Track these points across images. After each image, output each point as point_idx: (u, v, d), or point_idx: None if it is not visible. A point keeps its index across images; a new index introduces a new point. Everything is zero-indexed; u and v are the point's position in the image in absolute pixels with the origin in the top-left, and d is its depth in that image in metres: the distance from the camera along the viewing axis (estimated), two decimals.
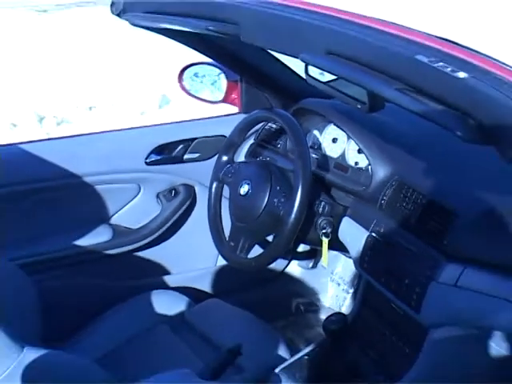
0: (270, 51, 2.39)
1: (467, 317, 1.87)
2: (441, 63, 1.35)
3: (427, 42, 1.44)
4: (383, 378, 2.12)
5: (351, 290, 2.86)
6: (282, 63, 2.57)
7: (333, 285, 2.97)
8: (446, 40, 1.47)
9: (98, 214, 2.63)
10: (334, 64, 1.55)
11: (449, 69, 1.33)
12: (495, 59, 1.40)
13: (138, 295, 2.48)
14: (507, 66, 1.38)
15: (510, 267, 1.78)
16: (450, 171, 2.07)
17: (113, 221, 2.66)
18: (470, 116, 1.30)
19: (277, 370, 2.15)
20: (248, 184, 2.28)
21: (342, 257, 2.83)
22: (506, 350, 1.87)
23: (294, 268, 2.98)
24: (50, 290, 2.39)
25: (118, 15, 2.22)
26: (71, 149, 2.58)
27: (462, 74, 1.31)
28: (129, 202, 2.67)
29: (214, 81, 2.78)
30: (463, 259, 1.87)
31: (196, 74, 2.77)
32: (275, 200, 2.22)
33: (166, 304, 2.45)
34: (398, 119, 2.24)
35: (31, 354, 1.62)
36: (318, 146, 2.44)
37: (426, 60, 1.37)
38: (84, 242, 2.57)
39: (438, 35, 1.50)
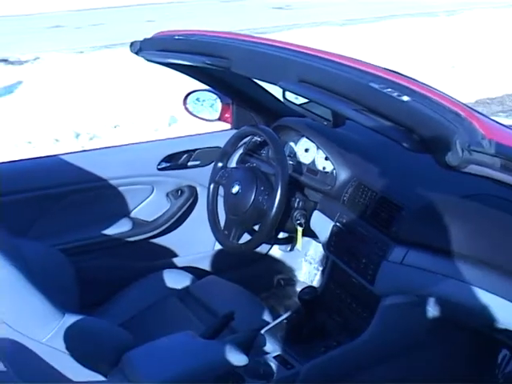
0: (255, 80, 2.38)
1: (410, 287, 1.89)
2: (389, 89, 1.35)
3: (378, 73, 1.44)
4: (346, 336, 2.11)
5: (320, 268, 2.85)
6: (265, 89, 2.56)
7: (306, 264, 2.96)
8: (393, 71, 1.47)
9: (121, 209, 2.62)
10: (305, 90, 1.55)
11: (395, 93, 1.33)
12: (430, 86, 1.40)
13: (153, 273, 2.47)
14: (439, 91, 1.38)
15: (444, 249, 1.78)
16: (397, 174, 2.08)
17: (132, 215, 2.65)
18: (413, 131, 1.30)
19: (262, 331, 2.14)
20: (238, 185, 2.27)
21: (313, 242, 2.82)
22: (438, 312, 1.89)
23: (276, 251, 2.96)
24: (84, 269, 2.39)
25: (136, 53, 2.23)
26: (100, 158, 2.57)
27: (405, 98, 1.32)
28: (145, 199, 2.65)
29: (212, 104, 2.76)
30: (408, 243, 1.88)
31: (198, 99, 2.75)
32: (260, 197, 2.22)
33: (175, 280, 2.44)
34: (356, 133, 2.24)
35: (71, 319, 1.64)
36: (293, 155, 2.42)
37: (377, 86, 1.37)
38: (110, 231, 2.56)
39: (387, 68, 1.49)
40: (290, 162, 2.37)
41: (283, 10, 16.66)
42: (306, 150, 2.39)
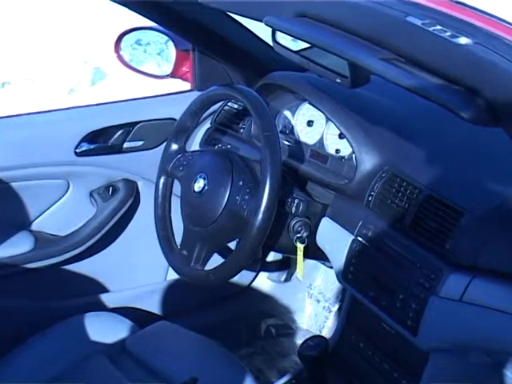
0: (229, 13, 2.39)
1: (476, 339, 1.88)
2: (438, 26, 1.36)
3: (420, 0, 1.45)
4: None
5: (334, 308, 2.87)
6: (245, 28, 2.57)
7: (311, 302, 2.98)
8: None
9: (16, 218, 2.61)
10: (306, 28, 1.56)
11: (447, 33, 1.34)
12: (504, 20, 1.41)
13: (68, 319, 2.45)
14: None
15: None
16: (452, 159, 2.08)
17: (34, 227, 2.65)
18: (476, 92, 1.31)
19: None
20: (204, 178, 2.27)
21: (321, 267, 2.84)
22: None
23: (263, 282, 2.98)
24: None
25: None
26: None
27: (463, 40, 1.32)
28: (54, 202, 2.66)
29: (160, 50, 2.76)
30: (470, 267, 1.87)
31: (138, 42, 2.74)
32: (237, 197, 2.21)
33: (103, 329, 2.43)
34: (387, 96, 2.25)
35: None
36: (289, 131, 2.44)
37: (419, 23, 1.38)
38: None
39: None
40: (285, 142, 2.39)
41: None
42: (310, 124, 2.42)
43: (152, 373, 2.29)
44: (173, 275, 2.79)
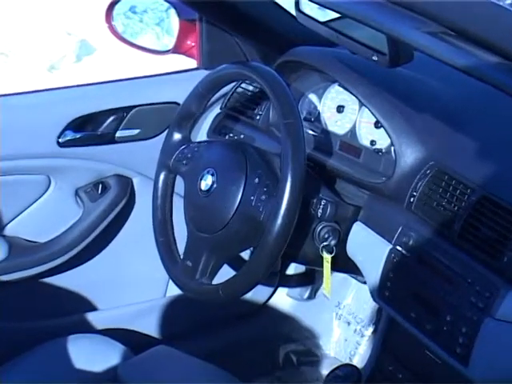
0: None
1: None
2: None
3: None
4: None
5: (367, 332, 2.87)
6: None
7: (340, 323, 2.98)
8: None
9: None
10: None
11: (508, 1, 1.34)
12: None
13: (48, 342, 2.45)
14: None
15: None
16: (511, 153, 2.08)
17: (8, 231, 2.65)
18: None
19: None
20: (212, 174, 2.26)
21: (352, 282, 2.84)
22: None
23: (283, 299, 2.98)
24: None
25: None
26: None
27: None
28: (33, 202, 2.66)
29: (160, 19, 2.76)
30: None
31: (133, 9, 2.74)
32: (252, 197, 2.21)
33: (91, 353, 2.43)
34: (433, 77, 2.25)
35: None
36: (315, 118, 2.44)
37: None
38: None
39: None
40: (310, 132, 2.39)
41: None
42: (340, 109, 2.42)
43: None
44: (174, 290, 2.78)
